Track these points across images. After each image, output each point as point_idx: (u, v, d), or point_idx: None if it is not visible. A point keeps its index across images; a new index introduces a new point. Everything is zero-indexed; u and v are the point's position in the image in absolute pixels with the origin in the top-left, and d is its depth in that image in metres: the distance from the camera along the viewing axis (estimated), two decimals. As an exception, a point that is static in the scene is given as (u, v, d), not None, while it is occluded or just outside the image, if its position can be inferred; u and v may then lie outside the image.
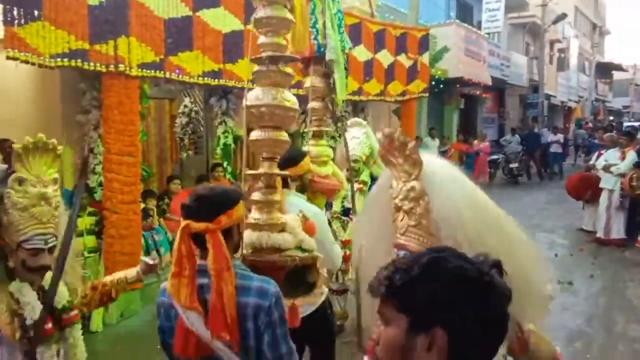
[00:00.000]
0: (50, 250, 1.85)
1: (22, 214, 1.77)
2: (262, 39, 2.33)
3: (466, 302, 0.88)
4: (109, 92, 5.14)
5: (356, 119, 4.57)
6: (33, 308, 1.80)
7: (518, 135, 15.19)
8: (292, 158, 2.88)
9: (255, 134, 2.32)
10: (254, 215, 2.32)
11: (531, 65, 20.27)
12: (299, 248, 2.28)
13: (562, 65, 24.78)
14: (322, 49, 3.66)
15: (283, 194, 2.49)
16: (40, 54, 4.57)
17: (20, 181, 1.78)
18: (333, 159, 4.05)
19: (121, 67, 5.10)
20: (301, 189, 3.04)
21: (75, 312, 1.96)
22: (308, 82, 3.89)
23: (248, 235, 2.24)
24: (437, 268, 0.92)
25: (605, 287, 5.98)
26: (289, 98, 2.31)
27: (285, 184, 2.67)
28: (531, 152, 15.11)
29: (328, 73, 3.76)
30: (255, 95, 2.28)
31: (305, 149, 3.76)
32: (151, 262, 2.11)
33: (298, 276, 2.28)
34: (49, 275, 1.89)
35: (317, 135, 3.96)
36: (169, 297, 1.70)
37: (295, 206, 2.59)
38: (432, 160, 1.52)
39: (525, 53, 20.88)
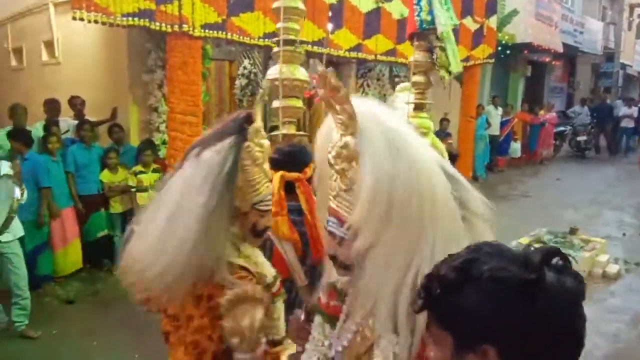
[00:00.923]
0: None
1: (259, 170, 1.51)
2: (279, 24, 2.74)
3: (510, 310, 0.72)
4: (173, 52, 5.23)
5: (406, 84, 4.43)
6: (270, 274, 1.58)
7: (588, 107, 14.31)
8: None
9: (275, 103, 2.80)
10: None
11: (607, 32, 18.86)
12: None
13: (643, 31, 22.90)
14: (424, 25, 3.86)
15: None
16: (110, 14, 4.69)
17: (257, 132, 1.50)
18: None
19: (185, 28, 5.16)
20: None
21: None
22: (411, 56, 4.14)
23: None
24: (472, 273, 0.75)
25: (677, 270, 5.63)
26: (302, 73, 2.80)
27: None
28: (602, 125, 14.24)
29: (431, 48, 4.00)
30: (275, 71, 2.72)
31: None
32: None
33: None
34: None
35: (419, 107, 4.16)
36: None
37: None
38: (370, 114, 1.19)
39: (601, 18, 19.43)
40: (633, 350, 3.85)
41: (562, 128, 13.73)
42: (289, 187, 2.12)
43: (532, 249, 0.79)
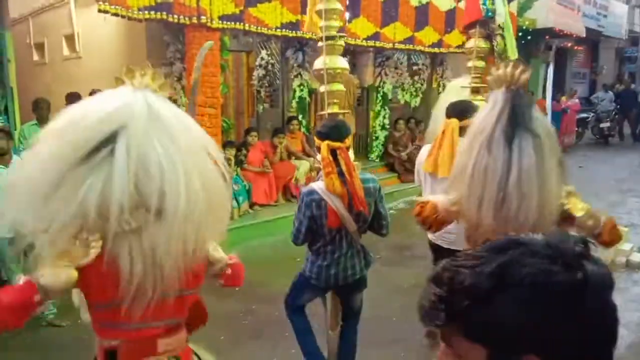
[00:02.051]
0: None
1: None
2: (322, 23, 3.27)
3: (558, 315, 0.67)
4: (191, 44, 5.27)
5: (458, 80, 4.98)
6: None
7: (612, 93, 13.98)
8: (467, 109, 3.25)
9: (322, 88, 3.44)
10: None
11: (632, 15, 18.33)
12: None
13: (670, 14, 22.20)
14: (490, 14, 4.43)
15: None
16: (128, 7, 4.74)
17: None
18: None
19: (203, 19, 5.19)
20: None
21: None
22: (471, 42, 4.78)
23: None
24: (511, 278, 0.69)
25: None
26: (342, 62, 3.47)
27: (462, 133, 3.15)
28: (626, 111, 13.90)
29: (490, 35, 4.60)
30: (321, 62, 3.35)
31: None
32: None
33: None
34: None
35: (476, 91, 4.64)
36: (319, 194, 2.70)
37: None
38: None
39: (626, 1, 18.89)
40: (657, 340, 3.80)
41: (584, 115, 13.45)
42: (332, 154, 2.67)
43: (558, 239, 0.73)
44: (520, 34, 10.69)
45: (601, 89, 15.00)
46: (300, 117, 7.42)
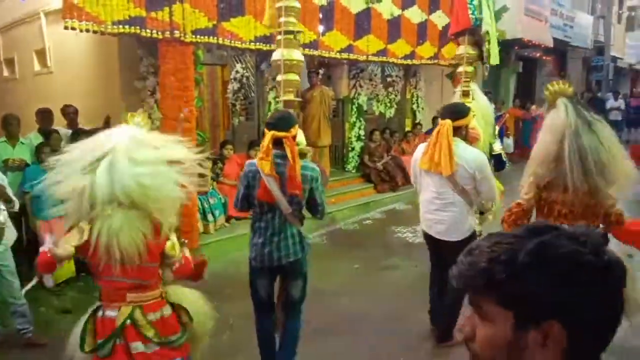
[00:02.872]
0: None
1: None
2: (282, 19, 3.65)
3: (586, 290, 0.78)
4: (165, 59, 5.26)
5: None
6: None
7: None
8: (461, 111, 3.65)
9: (279, 77, 3.76)
10: None
11: (597, 25, 18.95)
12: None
13: (632, 24, 23.02)
14: (478, 22, 4.73)
15: (455, 141, 3.45)
16: (101, 22, 4.71)
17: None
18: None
19: (176, 34, 5.19)
20: (464, 138, 3.62)
21: None
22: (461, 49, 5.08)
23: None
24: (549, 256, 0.80)
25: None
26: (298, 55, 3.78)
27: (456, 133, 3.50)
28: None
29: (479, 42, 4.88)
30: (279, 54, 3.71)
31: None
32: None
33: None
34: None
35: (466, 94, 4.96)
36: (255, 167, 3.00)
37: (462, 149, 3.47)
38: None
39: (590, 12, 19.54)
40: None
41: (554, 122, 13.80)
42: (278, 142, 2.95)
43: (584, 229, 0.85)
44: (490, 44, 10.94)
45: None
46: (276, 129, 7.43)
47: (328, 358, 3.63)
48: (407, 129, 10.09)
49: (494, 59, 4.97)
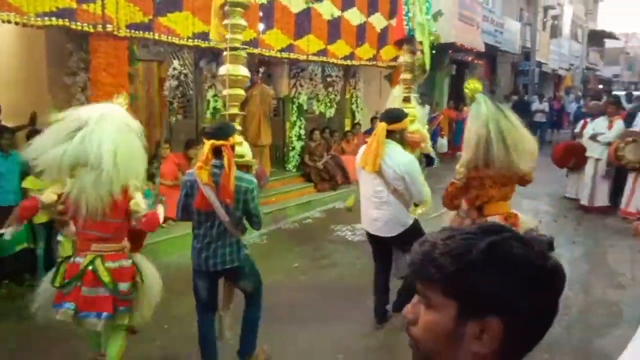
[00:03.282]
0: None
1: None
2: (228, 36, 3.67)
3: (531, 292, 0.82)
4: (96, 54, 5.05)
5: (397, 88, 5.93)
6: None
7: (510, 103, 15.18)
8: (397, 116, 3.85)
9: (225, 92, 3.81)
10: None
11: (524, 32, 20.06)
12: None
13: (555, 32, 24.56)
14: (412, 32, 5.12)
15: (386, 143, 3.71)
16: (23, 13, 4.45)
17: None
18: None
19: (109, 28, 5.00)
20: (400, 141, 3.86)
21: None
22: (401, 58, 5.53)
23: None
24: (499, 255, 0.83)
25: (587, 253, 6.15)
26: (243, 71, 3.79)
27: (389, 135, 3.73)
28: (521, 120, 15.13)
29: (414, 50, 5.27)
30: (225, 69, 3.74)
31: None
32: None
33: None
34: None
35: (407, 100, 5.34)
36: (194, 177, 3.05)
37: (395, 152, 3.70)
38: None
39: (519, 19, 20.65)
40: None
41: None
42: (218, 151, 3.00)
43: (533, 235, 0.89)
44: (426, 48, 11.31)
45: (501, 99, 16.25)
46: (215, 128, 7.32)
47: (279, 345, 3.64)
48: (347, 128, 10.24)
49: (428, 64, 5.51)
